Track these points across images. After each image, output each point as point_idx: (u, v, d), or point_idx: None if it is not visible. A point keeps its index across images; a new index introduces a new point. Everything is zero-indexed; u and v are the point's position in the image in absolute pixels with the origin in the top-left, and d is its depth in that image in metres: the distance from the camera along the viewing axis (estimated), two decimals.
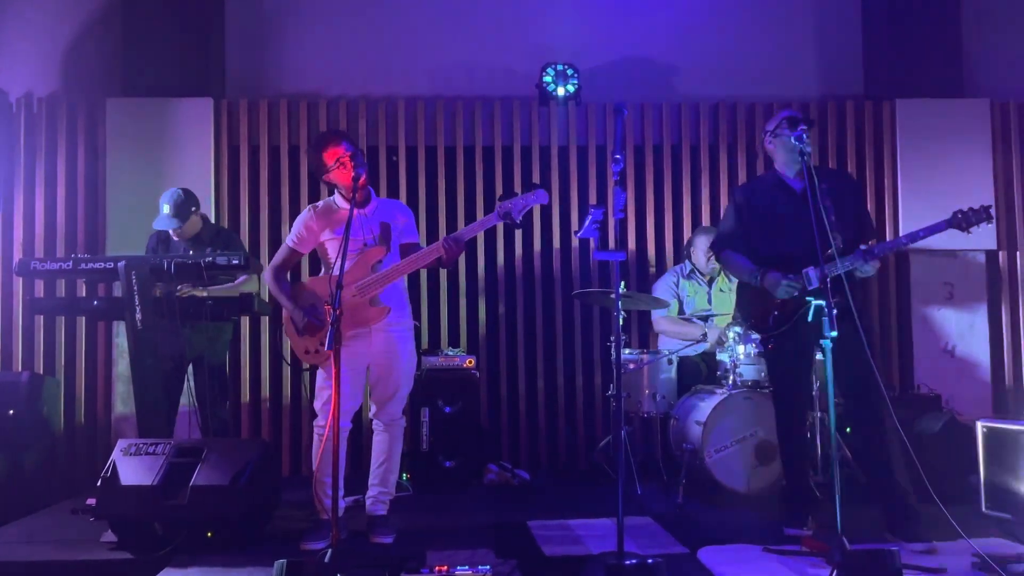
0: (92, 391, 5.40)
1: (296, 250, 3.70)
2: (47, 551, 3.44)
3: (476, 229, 3.72)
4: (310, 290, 3.61)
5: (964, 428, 4.22)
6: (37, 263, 4.04)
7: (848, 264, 3.48)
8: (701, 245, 5.12)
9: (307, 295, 3.59)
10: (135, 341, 3.87)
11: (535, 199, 3.55)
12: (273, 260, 3.75)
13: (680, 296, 5.16)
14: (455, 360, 4.97)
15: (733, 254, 3.87)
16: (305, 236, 3.66)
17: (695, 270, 5.20)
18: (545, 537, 3.57)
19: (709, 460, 4.20)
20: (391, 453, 3.66)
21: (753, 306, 3.79)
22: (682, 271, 5.25)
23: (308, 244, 3.68)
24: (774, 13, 6.02)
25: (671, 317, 5.10)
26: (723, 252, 3.96)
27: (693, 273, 5.19)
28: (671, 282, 5.23)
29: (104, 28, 5.70)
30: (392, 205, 3.82)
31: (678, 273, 5.25)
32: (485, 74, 5.86)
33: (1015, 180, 5.78)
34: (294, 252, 3.71)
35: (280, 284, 3.65)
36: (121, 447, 3.56)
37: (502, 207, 3.52)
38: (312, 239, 3.66)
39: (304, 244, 3.68)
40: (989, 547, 3.07)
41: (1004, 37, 6.03)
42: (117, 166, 5.33)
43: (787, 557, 3.20)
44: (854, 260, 3.49)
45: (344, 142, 3.56)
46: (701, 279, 5.18)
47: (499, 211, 3.52)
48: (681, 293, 5.17)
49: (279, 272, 3.69)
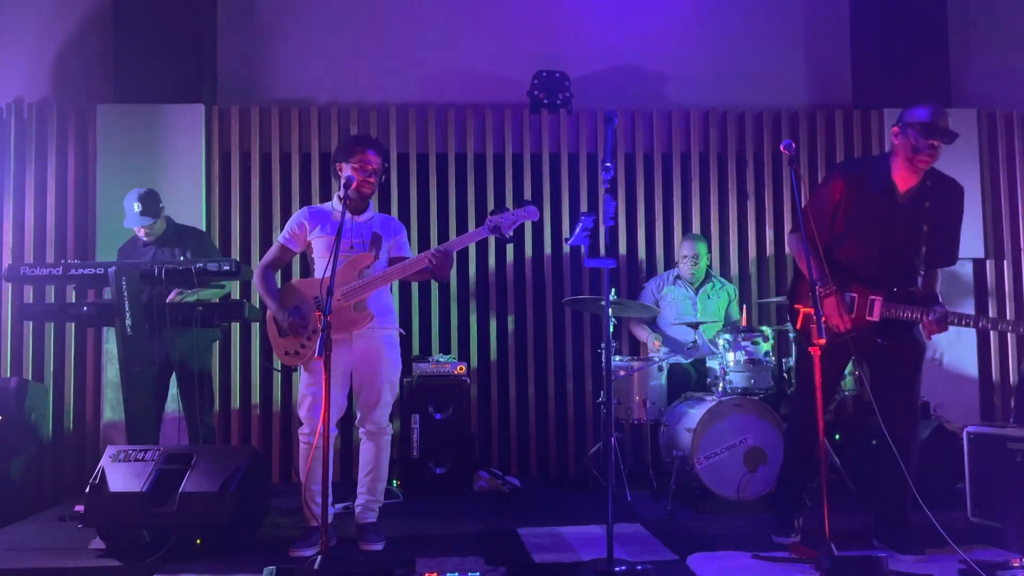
0: (81, 397, 5.37)
1: (287, 248, 3.69)
2: (35, 558, 3.42)
3: (466, 241, 3.75)
4: (297, 291, 3.60)
5: (951, 435, 4.25)
6: (27, 268, 4.03)
7: (915, 316, 3.27)
8: (684, 250, 5.23)
9: (294, 295, 3.58)
10: (124, 347, 3.87)
11: (526, 215, 3.56)
12: (264, 257, 3.74)
13: (659, 301, 5.23)
14: (446, 367, 4.98)
15: (802, 246, 3.21)
16: (297, 233, 3.66)
17: (680, 276, 5.25)
18: (535, 544, 3.58)
19: (699, 467, 4.21)
20: (378, 462, 3.65)
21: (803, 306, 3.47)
22: (667, 277, 5.32)
23: (299, 242, 3.68)
24: (764, 23, 6.07)
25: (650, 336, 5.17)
26: (794, 235, 3.49)
27: (679, 280, 5.24)
28: (651, 287, 5.34)
29: (95, 34, 5.69)
30: (388, 221, 3.82)
31: (663, 280, 5.32)
32: (477, 81, 5.88)
33: (1002, 189, 5.82)
34: (285, 250, 3.70)
35: (268, 282, 3.63)
36: (110, 454, 3.54)
37: (492, 221, 3.52)
38: (303, 236, 3.66)
39: (295, 242, 3.68)
40: (976, 555, 3.09)
41: (991, 48, 6.09)
42: (108, 172, 5.32)
43: (776, 564, 3.22)
44: (923, 314, 3.24)
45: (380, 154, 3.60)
46: (687, 285, 5.22)
47: (489, 225, 3.52)
48: (661, 298, 5.22)
49: (268, 270, 3.67)
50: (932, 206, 3.34)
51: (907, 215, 3.35)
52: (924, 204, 3.34)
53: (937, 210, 3.36)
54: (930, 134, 3.23)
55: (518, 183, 5.68)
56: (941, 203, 3.37)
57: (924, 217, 3.34)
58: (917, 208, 3.35)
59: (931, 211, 3.35)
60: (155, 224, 4.47)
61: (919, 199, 3.36)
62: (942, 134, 3.25)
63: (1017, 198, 5.84)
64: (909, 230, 3.34)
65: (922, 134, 3.24)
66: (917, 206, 3.35)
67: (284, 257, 3.73)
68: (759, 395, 4.36)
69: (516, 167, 5.71)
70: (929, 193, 3.35)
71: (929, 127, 3.23)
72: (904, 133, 3.30)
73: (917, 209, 3.35)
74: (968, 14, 6.08)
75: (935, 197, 3.36)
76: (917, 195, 3.37)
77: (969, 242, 5.59)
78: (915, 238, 3.35)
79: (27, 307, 4.50)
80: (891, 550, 3.29)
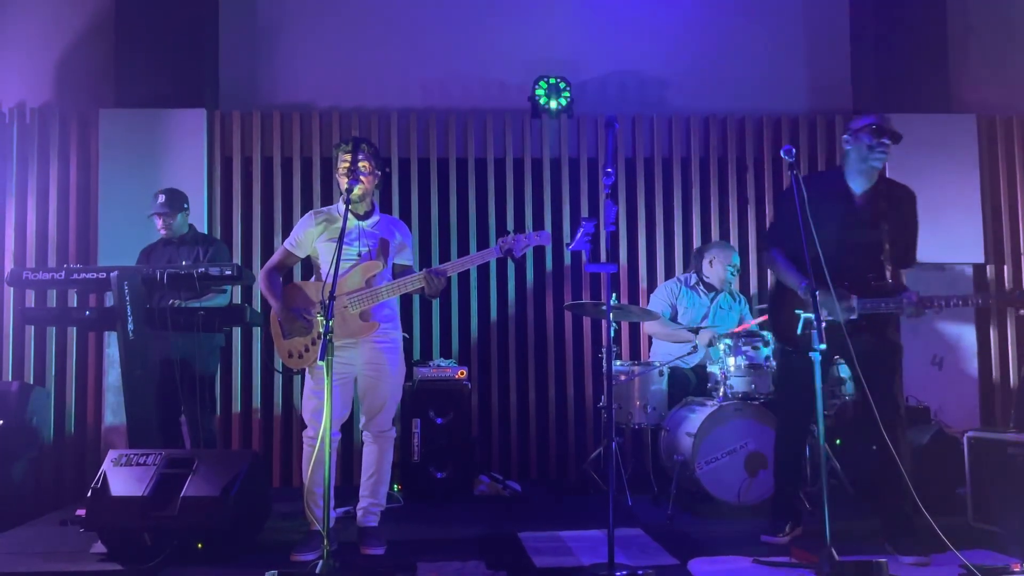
0: (82, 401, 5.38)
1: (292, 253, 3.70)
2: (36, 562, 3.42)
3: (475, 261, 3.75)
4: (302, 292, 3.59)
5: (952, 440, 4.25)
6: (28, 273, 4.04)
7: (891, 307, 3.43)
8: (723, 259, 5.08)
9: (299, 297, 3.57)
10: (126, 352, 3.87)
11: (538, 240, 3.58)
12: (270, 260, 3.75)
13: (676, 304, 5.15)
14: (447, 371, 4.98)
15: (781, 257, 3.61)
16: (303, 240, 3.67)
17: (701, 282, 5.17)
18: (536, 548, 3.58)
19: (700, 471, 4.21)
20: (381, 465, 3.66)
21: (788, 319, 3.56)
22: (687, 280, 5.20)
23: (305, 248, 3.68)
24: (765, 29, 6.08)
25: (662, 321, 5.09)
26: (772, 249, 3.72)
27: (698, 286, 5.17)
28: (671, 287, 5.20)
29: (97, 38, 5.71)
30: (394, 223, 3.81)
31: (681, 282, 5.21)
32: (478, 86, 5.90)
33: (1001, 194, 5.84)
34: (290, 255, 3.71)
35: (272, 284, 3.62)
36: (112, 457, 3.55)
37: (504, 242, 3.53)
38: (308, 243, 3.66)
39: (301, 248, 3.68)
40: (976, 559, 3.09)
41: (990, 53, 6.11)
42: (109, 177, 5.33)
43: (777, 569, 3.21)
44: (897, 305, 3.41)
45: (355, 152, 3.58)
46: (704, 292, 5.15)
47: (500, 246, 3.54)
48: (678, 302, 5.15)
49: (273, 272, 3.67)
50: (889, 207, 3.54)
51: (866, 216, 3.53)
52: (881, 205, 3.54)
53: (894, 211, 3.56)
54: (880, 134, 3.49)
55: (519, 188, 5.70)
56: (898, 204, 3.59)
57: (882, 216, 3.53)
58: (874, 208, 3.55)
59: (888, 212, 3.54)
60: (173, 219, 4.51)
61: (875, 200, 3.56)
62: (891, 134, 3.51)
63: (1017, 203, 5.86)
64: (870, 229, 3.51)
65: (873, 135, 3.50)
66: (874, 207, 3.55)
67: (288, 261, 3.75)
68: (760, 400, 4.36)
69: (517, 172, 5.72)
70: (884, 196, 3.57)
71: (878, 128, 3.50)
72: (856, 138, 3.55)
73: (875, 210, 3.54)
74: (967, 20, 6.10)
75: (890, 199, 3.57)
76: (873, 197, 3.57)
77: (969, 247, 5.66)
78: (877, 236, 3.51)
79: (29, 311, 4.51)
80: (897, 553, 3.31)
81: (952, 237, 5.62)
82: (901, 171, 5.64)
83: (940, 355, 5.59)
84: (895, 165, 5.66)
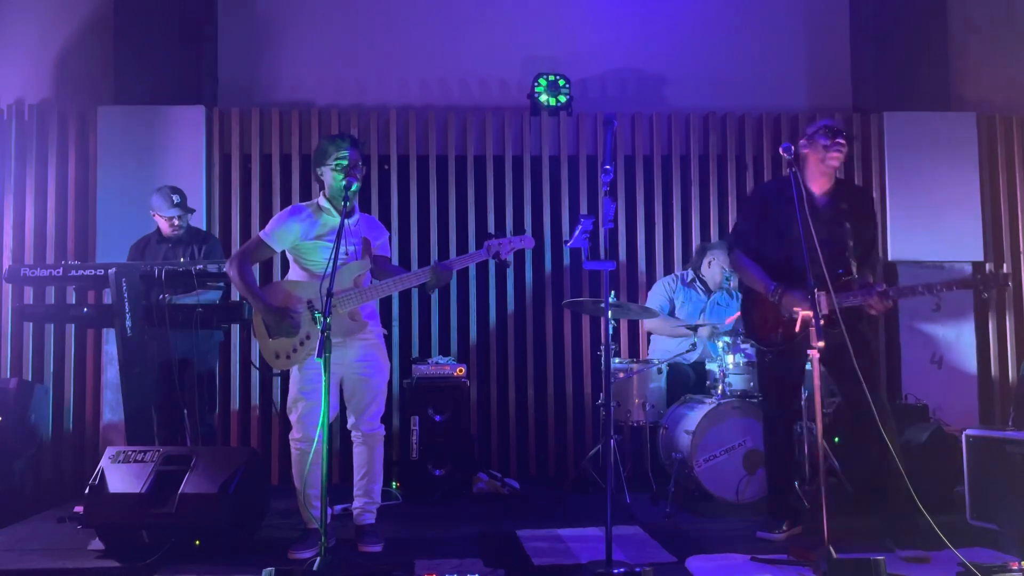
0: (80, 398, 5.38)
1: (268, 245, 3.56)
2: (34, 559, 3.42)
3: (466, 261, 3.78)
4: (283, 290, 3.51)
5: (951, 438, 4.25)
6: (27, 270, 4.04)
7: (860, 299, 3.50)
8: (722, 261, 5.05)
9: (280, 295, 3.49)
10: (124, 349, 3.87)
11: (521, 243, 3.68)
12: (241, 249, 3.62)
13: (673, 299, 5.17)
14: (445, 368, 4.98)
15: (748, 260, 3.74)
16: (281, 234, 3.55)
17: (697, 280, 5.19)
18: (534, 546, 3.57)
19: (698, 469, 4.22)
20: (372, 464, 3.64)
21: (761, 319, 3.72)
22: (684, 278, 5.23)
23: (282, 243, 3.57)
24: (764, 26, 6.08)
25: (661, 316, 5.09)
26: (737, 252, 3.82)
27: (694, 283, 5.18)
28: (668, 282, 5.24)
29: (96, 35, 5.70)
30: (372, 222, 3.79)
31: (679, 278, 5.24)
32: (477, 84, 5.90)
33: (1001, 193, 5.83)
34: (265, 247, 3.58)
35: (247, 276, 3.48)
36: (109, 455, 3.55)
37: (491, 246, 3.59)
38: (288, 239, 3.55)
39: (278, 242, 3.56)
40: (974, 557, 3.09)
41: (990, 51, 6.10)
42: (108, 174, 5.33)
43: (774, 566, 3.22)
44: (866, 296, 3.49)
45: (352, 149, 3.54)
46: (701, 290, 5.17)
47: (488, 250, 3.59)
48: (675, 297, 5.17)
49: (247, 264, 3.51)
50: (849, 207, 3.66)
51: (827, 215, 3.62)
52: (841, 205, 3.66)
53: (854, 210, 3.67)
54: (835, 134, 3.62)
55: (518, 185, 5.69)
56: (858, 203, 3.73)
57: (844, 215, 3.63)
58: (835, 208, 3.65)
59: (849, 211, 3.65)
60: (187, 219, 4.52)
61: (835, 200, 3.69)
62: (846, 135, 3.66)
63: (1016, 202, 5.85)
64: (832, 227, 3.58)
65: (828, 135, 3.62)
66: (835, 206, 3.66)
67: (263, 253, 3.63)
68: (758, 398, 4.36)
69: (516, 169, 5.72)
70: (843, 196, 3.70)
71: (832, 129, 3.64)
72: (812, 140, 3.67)
73: (836, 209, 3.65)
74: (967, 18, 6.08)
75: (850, 199, 3.71)
76: (832, 197, 3.69)
77: (968, 245, 5.66)
78: (840, 234, 3.60)
79: (27, 308, 4.51)
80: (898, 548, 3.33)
81: (952, 235, 5.62)
82: (901, 169, 5.69)
83: (939, 353, 5.59)
84: (895, 164, 5.70)
